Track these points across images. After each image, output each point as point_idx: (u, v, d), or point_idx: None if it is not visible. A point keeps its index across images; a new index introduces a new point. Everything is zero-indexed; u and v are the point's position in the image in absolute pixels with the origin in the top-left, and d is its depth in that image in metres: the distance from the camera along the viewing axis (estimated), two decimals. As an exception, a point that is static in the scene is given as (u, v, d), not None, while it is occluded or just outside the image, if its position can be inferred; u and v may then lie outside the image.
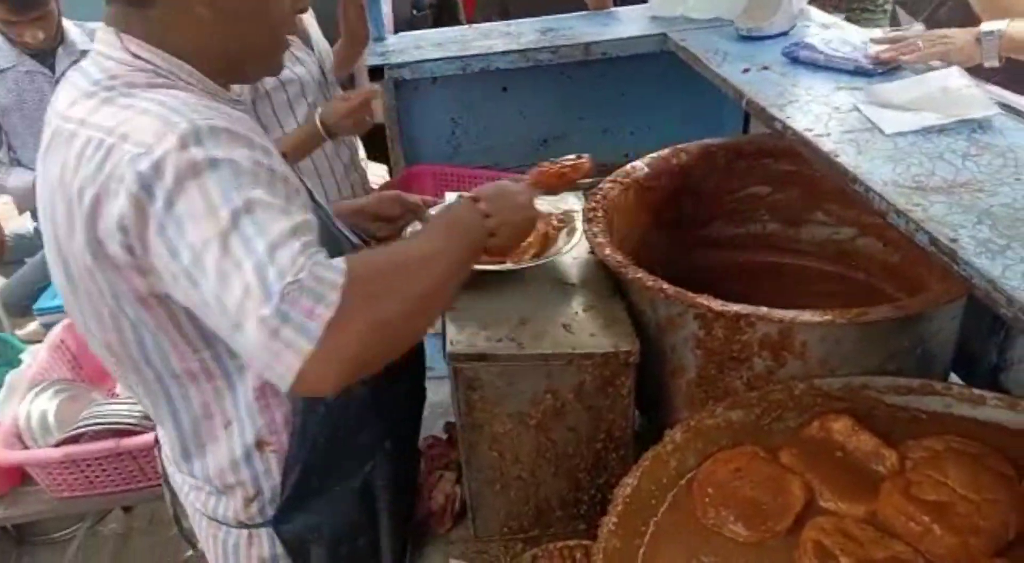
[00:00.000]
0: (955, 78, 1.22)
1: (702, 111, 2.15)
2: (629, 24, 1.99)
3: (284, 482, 1.00)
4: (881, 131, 1.14)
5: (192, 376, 0.91)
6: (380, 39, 2.09)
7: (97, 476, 1.75)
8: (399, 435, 1.16)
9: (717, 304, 0.99)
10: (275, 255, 0.73)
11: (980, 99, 1.16)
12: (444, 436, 1.35)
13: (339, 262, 0.76)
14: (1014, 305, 0.74)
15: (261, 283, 0.72)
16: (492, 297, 1.12)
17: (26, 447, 1.81)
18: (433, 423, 1.44)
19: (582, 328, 1.05)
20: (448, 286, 0.87)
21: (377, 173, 2.47)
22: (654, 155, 1.41)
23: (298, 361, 0.72)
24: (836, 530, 0.80)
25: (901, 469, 0.87)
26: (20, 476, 1.90)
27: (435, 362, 1.62)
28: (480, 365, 1.01)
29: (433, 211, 1.27)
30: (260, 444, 0.97)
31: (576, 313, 1.09)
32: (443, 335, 1.06)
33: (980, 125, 1.13)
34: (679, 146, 1.44)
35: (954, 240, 0.84)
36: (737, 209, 1.47)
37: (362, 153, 2.49)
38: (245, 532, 1.04)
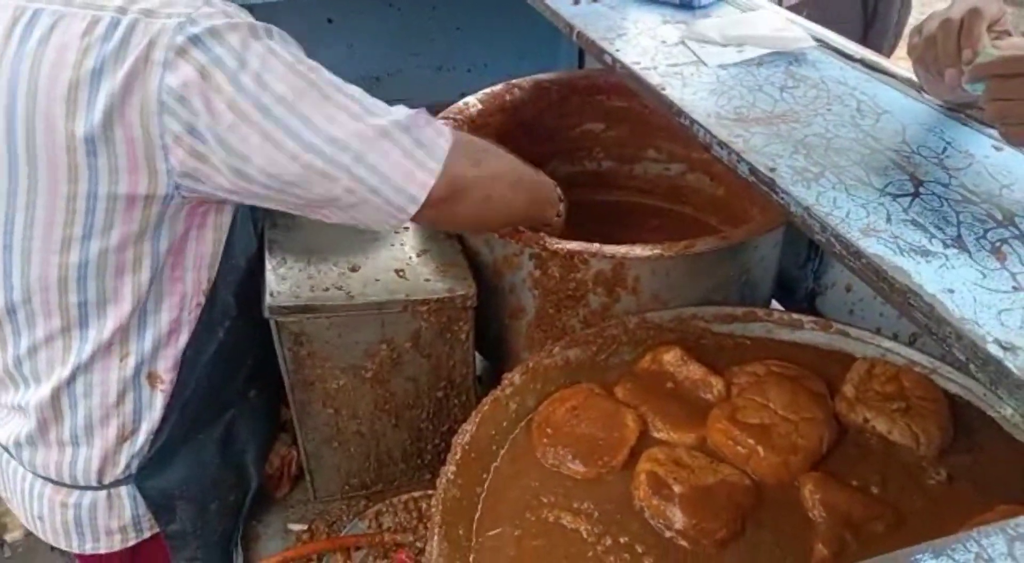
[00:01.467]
0: (775, 17, 1.25)
1: (538, 47, 2.12)
2: (460, -46, 1.91)
3: (162, 425, 0.95)
4: (705, 64, 1.15)
5: (119, 300, 0.87)
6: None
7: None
8: (263, 382, 1.09)
9: (551, 242, 0.97)
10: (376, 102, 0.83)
11: (796, 32, 1.20)
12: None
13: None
14: (827, 231, 0.76)
15: (377, 112, 0.81)
16: (316, 243, 1.04)
17: None
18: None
19: (416, 273, 1.01)
20: (512, 207, 0.97)
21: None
22: (487, 91, 1.37)
23: (431, 178, 0.82)
24: (669, 459, 0.82)
25: (728, 395, 0.89)
26: None
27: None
28: (306, 318, 0.94)
29: None
30: (152, 377, 0.93)
31: (409, 258, 1.04)
32: (262, 288, 0.98)
33: (796, 58, 1.16)
34: (512, 81, 1.40)
35: (773, 169, 0.86)
36: (573, 147, 1.46)
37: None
38: (103, 493, 0.96)
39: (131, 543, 1.00)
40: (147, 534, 1.00)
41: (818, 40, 1.21)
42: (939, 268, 0.70)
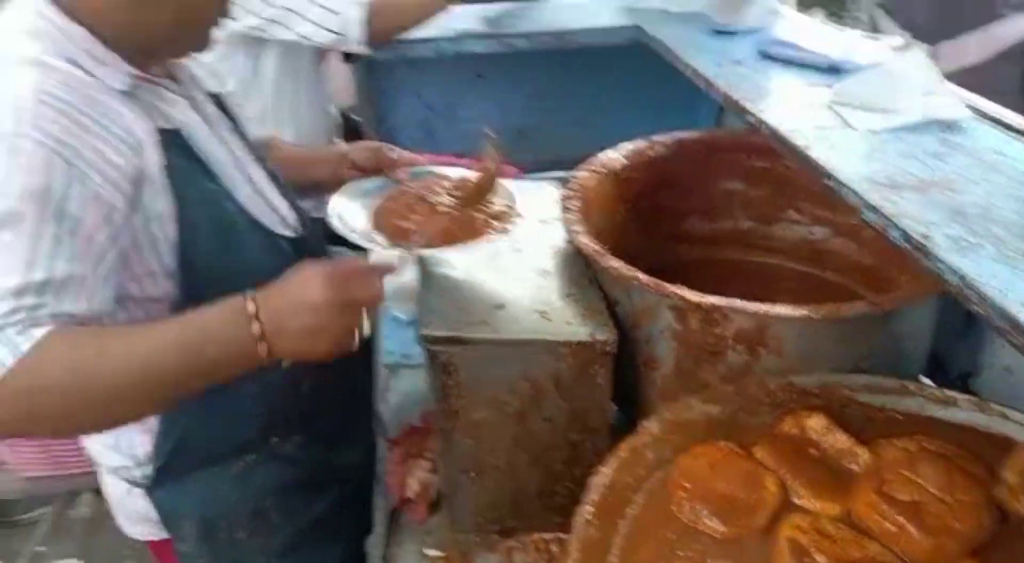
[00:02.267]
0: (920, 69, 1.22)
1: (676, 104, 2.16)
2: (604, 15, 1.99)
3: (157, 450, 1.07)
4: (853, 127, 1.16)
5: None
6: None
7: (67, 456, 1.71)
8: (302, 437, 1.17)
9: (692, 295, 0.99)
10: None
11: (950, 100, 1.18)
12: (420, 424, 1.34)
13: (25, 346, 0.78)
14: (985, 301, 0.76)
15: None
16: (466, 281, 1.12)
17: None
18: (410, 411, 1.44)
19: (559, 316, 1.06)
20: (157, 403, 0.91)
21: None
22: (630, 146, 1.42)
23: None
24: (812, 528, 0.81)
25: (874, 468, 0.88)
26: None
27: (413, 350, 1.62)
28: (455, 349, 1.01)
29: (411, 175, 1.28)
30: None
31: (553, 301, 1.09)
32: (417, 320, 1.06)
33: (950, 126, 1.15)
34: (655, 137, 1.44)
35: (926, 236, 0.86)
36: (712, 205, 1.49)
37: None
38: (125, 485, 1.12)
39: (162, 538, 1.11)
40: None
41: (973, 108, 1.19)
42: (1112, 349, 0.68)
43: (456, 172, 1.31)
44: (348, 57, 1.90)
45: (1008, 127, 1.14)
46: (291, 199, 1.22)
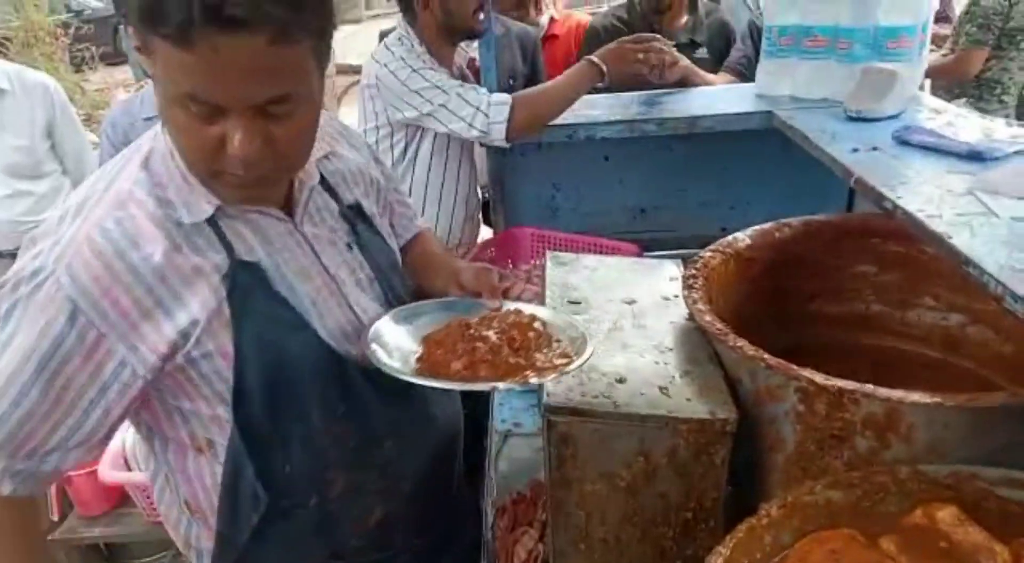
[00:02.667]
0: None
1: (803, 190, 2.14)
2: (735, 101, 2.03)
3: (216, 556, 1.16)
4: (996, 215, 1.12)
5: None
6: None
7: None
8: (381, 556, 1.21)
9: (820, 378, 0.97)
10: None
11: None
12: (529, 493, 1.35)
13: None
14: None
15: None
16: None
17: (129, 469, 1.91)
18: (518, 480, 1.45)
19: (679, 392, 1.06)
20: None
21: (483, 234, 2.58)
22: (756, 227, 1.42)
23: None
24: (941, 625, 0.76)
25: (1015, 568, 0.82)
26: (120, 497, 2.00)
27: (524, 419, 1.65)
28: (575, 420, 1.02)
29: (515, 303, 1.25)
30: (189, 507, 1.16)
31: (673, 377, 1.09)
32: (538, 392, 1.08)
33: (1104, 216, 1.09)
34: (783, 220, 1.44)
35: (1078, 328, 0.81)
36: (840, 288, 1.45)
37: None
38: None
39: None
40: None
41: None
42: None
43: (533, 310, 1.23)
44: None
45: None
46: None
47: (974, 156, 1.36)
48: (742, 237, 1.40)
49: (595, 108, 2.09)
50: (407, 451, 1.23)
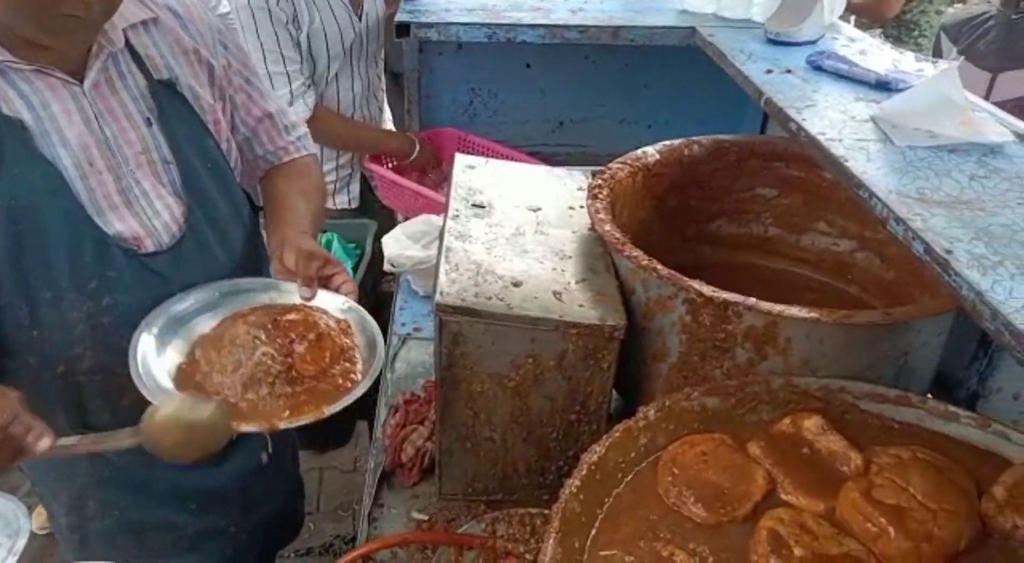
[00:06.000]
0: (957, 88, 1.19)
1: (722, 111, 2.15)
2: (660, 15, 1.98)
3: None
4: (893, 142, 1.14)
5: None
6: (411, -2, 2.08)
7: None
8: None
9: (708, 289, 0.99)
10: None
11: (995, 125, 1.17)
12: (422, 394, 1.36)
13: None
14: (997, 319, 0.75)
15: None
16: (485, 258, 1.13)
17: None
18: (413, 381, 1.46)
19: (572, 298, 1.06)
20: None
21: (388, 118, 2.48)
22: (666, 143, 1.41)
23: None
24: (793, 522, 0.81)
25: (865, 472, 0.87)
26: None
27: (424, 324, 1.64)
28: (466, 320, 1.02)
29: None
30: None
31: (568, 283, 1.09)
32: (433, 288, 1.07)
33: (992, 149, 1.13)
34: (692, 138, 1.44)
35: (949, 251, 0.85)
36: (741, 208, 1.48)
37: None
38: None
39: None
40: None
41: (1019, 136, 1.17)
42: (1120, 374, 0.67)
43: (341, 309, 1.18)
44: (399, 32, 1.92)
45: (1051, 156, 1.12)
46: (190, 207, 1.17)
47: (881, 85, 1.38)
48: (651, 152, 1.39)
49: (519, 9, 2.01)
50: None
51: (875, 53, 1.60)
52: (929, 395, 1.16)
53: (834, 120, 1.24)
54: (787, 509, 0.84)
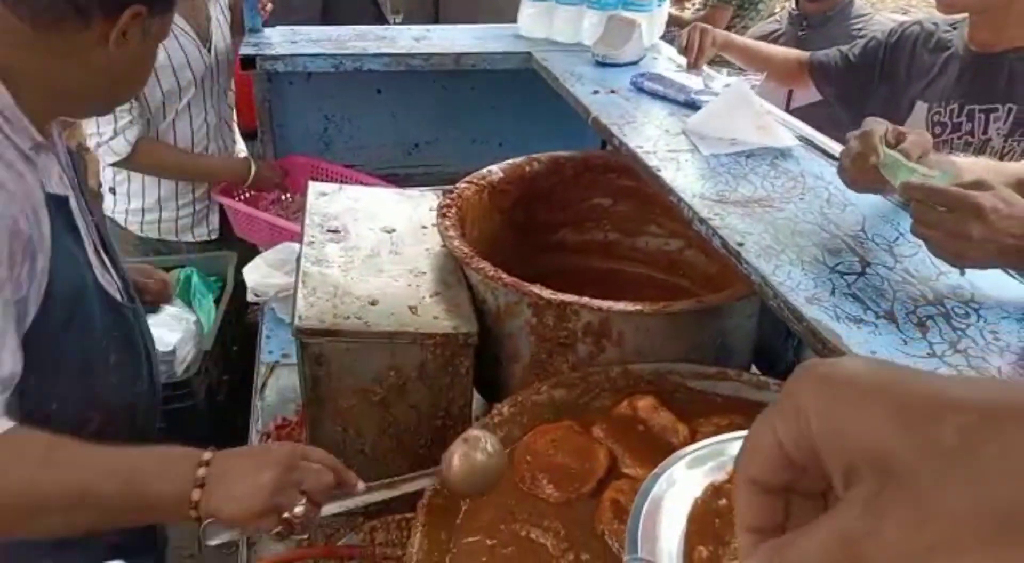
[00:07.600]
0: (751, 100, 1.38)
1: (567, 127, 2.29)
2: (499, 40, 2.11)
3: None
4: (700, 152, 1.30)
5: None
6: (254, 30, 2.10)
7: None
8: None
9: (547, 293, 1.10)
10: None
11: (784, 131, 1.35)
12: (295, 417, 1.39)
13: None
14: (778, 297, 0.89)
15: None
16: (342, 280, 1.19)
17: None
18: (285, 408, 1.48)
19: (427, 311, 1.14)
20: (78, 526, 0.86)
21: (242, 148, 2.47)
22: (509, 161, 1.52)
23: None
24: (631, 490, 0.92)
25: (691, 441, 1.00)
26: None
27: (293, 351, 1.67)
28: (327, 341, 1.07)
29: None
30: None
31: (424, 297, 1.17)
32: (292, 314, 1.12)
33: (783, 153, 1.31)
34: (533, 156, 1.55)
35: (740, 244, 0.99)
36: (582, 217, 1.61)
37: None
38: None
39: None
40: None
41: (803, 139, 1.36)
42: (868, 334, 0.82)
43: None
44: (245, 65, 1.95)
45: (829, 155, 1.31)
46: (117, 262, 1.20)
47: (690, 103, 1.55)
48: (495, 170, 1.49)
49: (364, 39, 2.08)
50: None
51: (691, 76, 1.78)
52: (754, 369, 1.33)
53: (651, 135, 1.39)
54: (627, 480, 0.94)
